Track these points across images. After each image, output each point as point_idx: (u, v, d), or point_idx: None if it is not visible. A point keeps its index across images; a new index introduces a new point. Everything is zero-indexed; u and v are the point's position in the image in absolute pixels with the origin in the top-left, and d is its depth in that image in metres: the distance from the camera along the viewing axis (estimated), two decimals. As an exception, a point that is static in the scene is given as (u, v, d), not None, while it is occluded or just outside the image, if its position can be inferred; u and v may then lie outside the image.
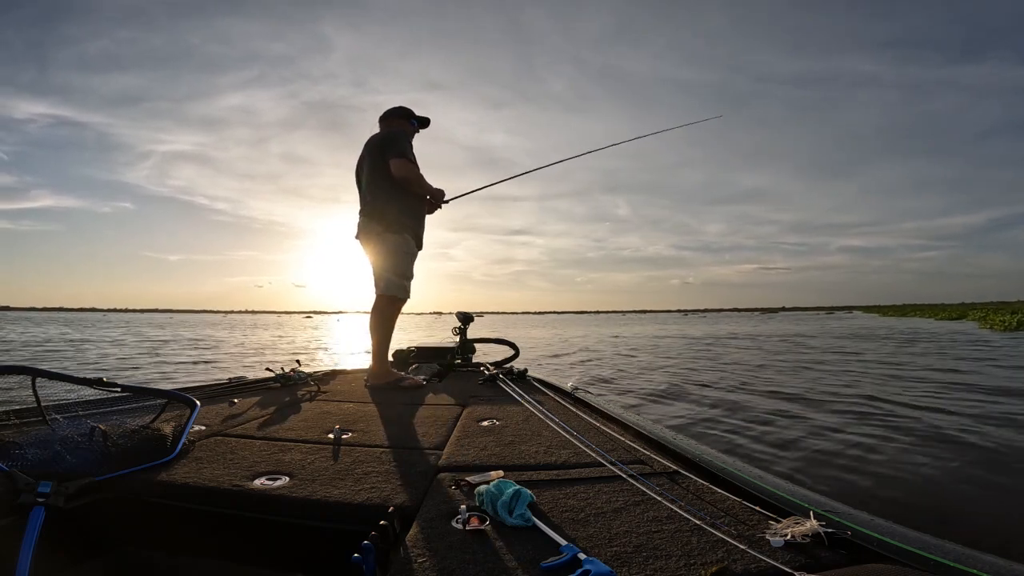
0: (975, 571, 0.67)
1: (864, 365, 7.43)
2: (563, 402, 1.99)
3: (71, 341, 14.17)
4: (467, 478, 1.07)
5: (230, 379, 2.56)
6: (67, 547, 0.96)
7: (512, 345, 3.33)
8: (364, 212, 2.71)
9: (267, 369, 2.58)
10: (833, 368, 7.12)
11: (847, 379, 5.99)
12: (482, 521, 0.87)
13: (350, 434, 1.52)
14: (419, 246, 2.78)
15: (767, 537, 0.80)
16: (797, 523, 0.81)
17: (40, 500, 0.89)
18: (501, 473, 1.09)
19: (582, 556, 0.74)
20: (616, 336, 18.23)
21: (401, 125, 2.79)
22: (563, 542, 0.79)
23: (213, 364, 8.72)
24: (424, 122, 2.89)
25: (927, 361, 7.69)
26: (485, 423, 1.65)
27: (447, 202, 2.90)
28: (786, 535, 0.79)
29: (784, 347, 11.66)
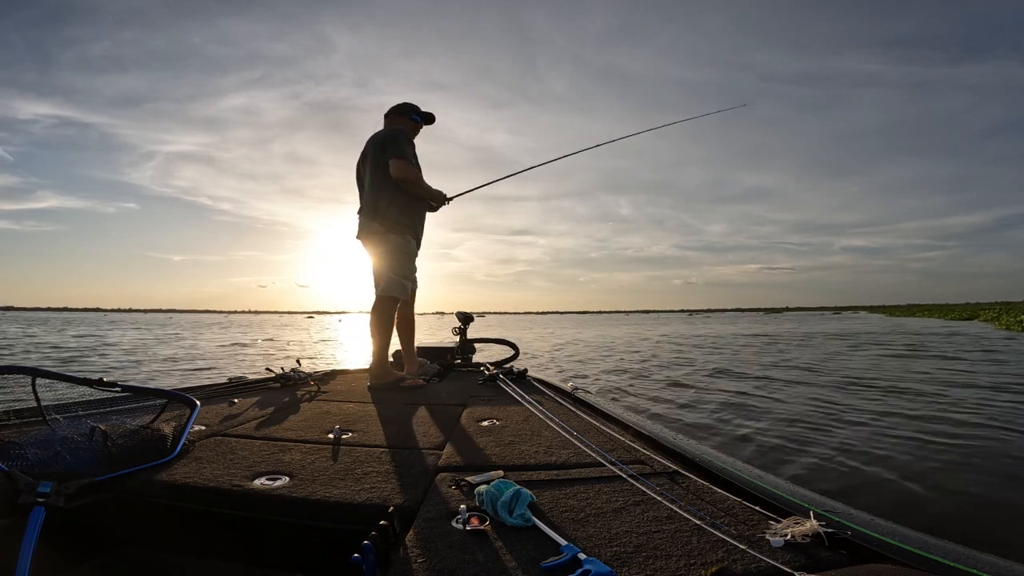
0: (975, 571, 0.66)
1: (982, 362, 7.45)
2: (563, 402, 1.98)
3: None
4: (467, 478, 1.07)
5: (230, 379, 2.56)
6: (67, 547, 0.96)
7: (512, 345, 3.33)
8: (365, 212, 2.70)
9: (267, 369, 2.58)
10: (983, 366, 7.09)
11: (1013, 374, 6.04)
12: (482, 521, 0.87)
13: (350, 434, 1.52)
14: (418, 246, 2.78)
15: (767, 537, 0.80)
16: (797, 523, 0.81)
17: (40, 500, 0.89)
18: (501, 473, 1.09)
19: (582, 556, 0.74)
20: (674, 336, 16.96)
21: (402, 123, 2.77)
22: (563, 542, 0.79)
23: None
24: (429, 118, 2.86)
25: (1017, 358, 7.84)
26: (485, 423, 1.65)
27: (451, 200, 2.89)
28: (786, 535, 0.79)
29: (881, 345, 11.58)
